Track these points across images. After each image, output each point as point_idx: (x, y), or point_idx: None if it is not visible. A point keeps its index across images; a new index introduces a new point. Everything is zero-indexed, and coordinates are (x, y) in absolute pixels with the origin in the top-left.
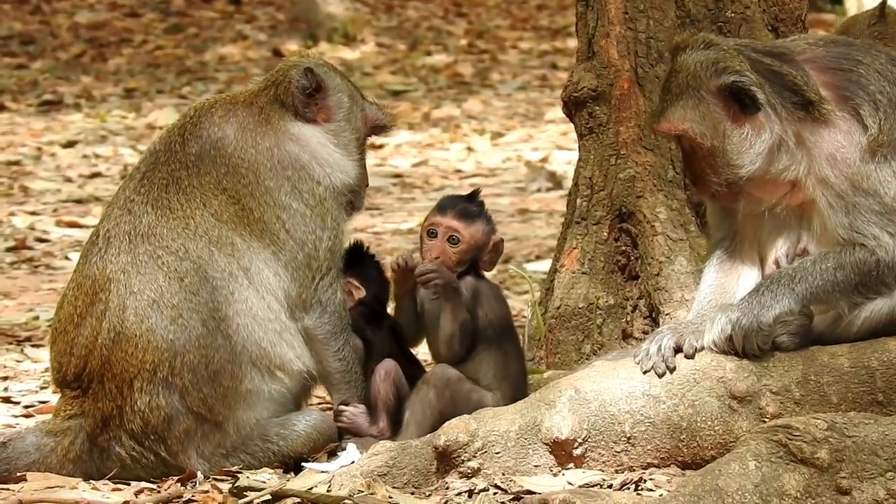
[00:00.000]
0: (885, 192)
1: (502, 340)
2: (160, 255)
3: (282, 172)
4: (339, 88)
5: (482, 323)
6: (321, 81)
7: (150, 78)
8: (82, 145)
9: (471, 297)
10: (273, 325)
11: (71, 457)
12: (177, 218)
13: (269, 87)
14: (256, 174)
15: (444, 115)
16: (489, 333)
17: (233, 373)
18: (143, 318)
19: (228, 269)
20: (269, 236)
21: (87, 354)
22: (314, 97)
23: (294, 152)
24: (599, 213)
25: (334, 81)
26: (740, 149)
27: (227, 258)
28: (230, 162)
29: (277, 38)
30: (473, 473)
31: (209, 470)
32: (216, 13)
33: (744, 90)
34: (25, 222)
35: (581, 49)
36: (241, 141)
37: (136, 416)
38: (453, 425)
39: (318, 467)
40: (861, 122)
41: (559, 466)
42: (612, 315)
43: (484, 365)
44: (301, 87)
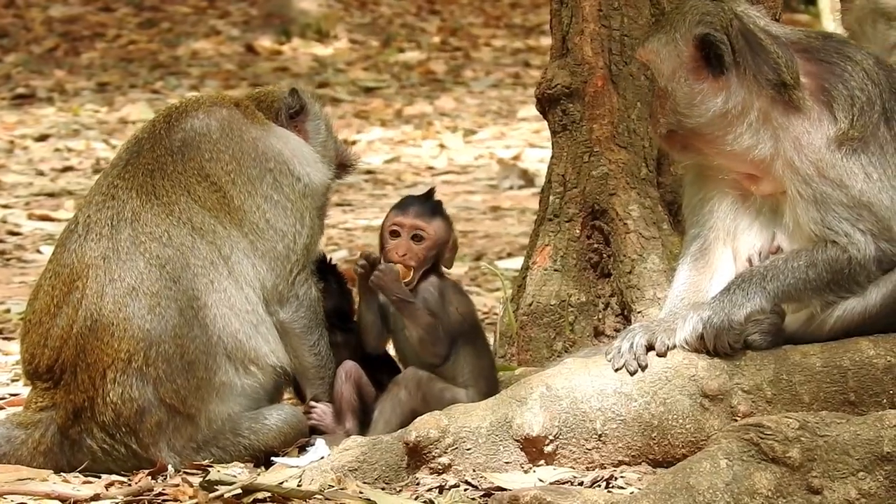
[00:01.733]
0: (852, 185)
1: (473, 337)
2: (143, 241)
3: (264, 164)
4: (318, 116)
5: (453, 322)
6: (304, 104)
7: (123, 72)
8: (55, 139)
9: (438, 297)
10: (250, 317)
11: (42, 449)
12: (161, 204)
13: (254, 97)
14: (239, 162)
15: (417, 112)
16: (460, 331)
17: (207, 364)
18: (121, 305)
19: (210, 258)
20: (249, 225)
21: (61, 345)
22: (295, 119)
23: (277, 147)
24: (572, 211)
25: (315, 108)
26: (689, 100)
27: (209, 246)
28: (215, 148)
29: (251, 33)
30: (444, 469)
31: (180, 463)
32: (189, 8)
33: (713, 46)
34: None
35: (555, 46)
36: (226, 130)
37: (108, 408)
38: (424, 421)
39: (289, 462)
40: (833, 115)
41: (530, 463)
42: (583, 312)
43: (460, 362)
44: (286, 103)
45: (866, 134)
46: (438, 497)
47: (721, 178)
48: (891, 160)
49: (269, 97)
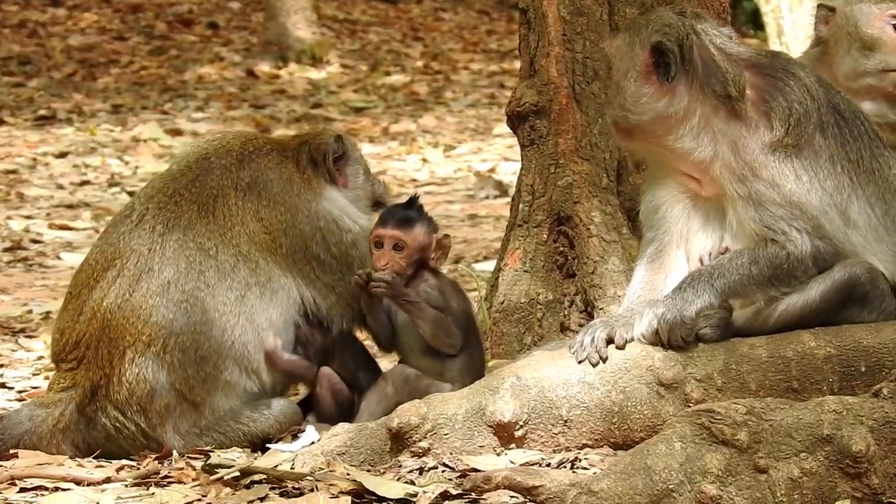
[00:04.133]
0: (783, 184)
1: (467, 334)
2: (190, 247)
3: (315, 222)
4: (358, 161)
5: (457, 314)
6: (346, 150)
7: (136, 95)
8: (73, 156)
9: (438, 294)
10: (265, 334)
11: (60, 427)
12: (216, 224)
13: (303, 145)
14: (293, 216)
15: (402, 130)
16: (460, 324)
17: (216, 363)
18: (152, 293)
19: (247, 280)
20: (297, 272)
21: (90, 318)
22: (338, 162)
23: (327, 208)
24: (540, 217)
25: (355, 154)
26: (635, 99)
27: (249, 271)
28: (274, 199)
29: (251, 59)
30: (424, 453)
31: (183, 446)
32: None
33: (663, 55)
34: (21, 225)
35: (523, 68)
36: (286, 186)
37: (123, 387)
38: (406, 409)
39: (283, 447)
40: (770, 123)
41: (502, 447)
42: (550, 310)
43: (451, 358)
44: (332, 149)
45: (801, 142)
46: (419, 478)
47: (671, 184)
48: (823, 166)
49: (318, 141)
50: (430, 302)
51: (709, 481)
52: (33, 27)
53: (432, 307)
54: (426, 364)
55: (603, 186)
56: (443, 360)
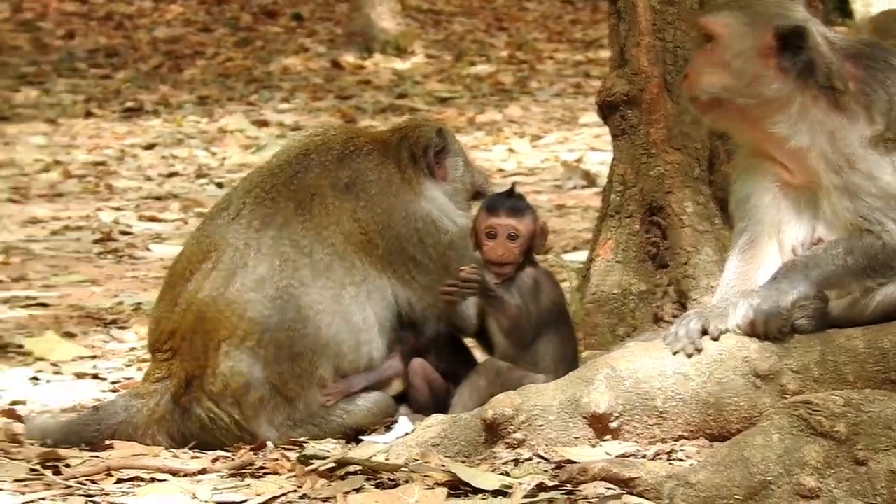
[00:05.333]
0: (881, 177)
1: (559, 324)
2: (285, 244)
3: (412, 223)
4: (457, 153)
5: (543, 308)
6: (446, 143)
7: (221, 87)
8: (161, 147)
9: (532, 285)
10: (360, 335)
11: (156, 417)
12: (312, 222)
13: (404, 140)
14: (391, 217)
15: (488, 120)
16: (549, 318)
17: (311, 360)
18: (247, 289)
19: (341, 280)
20: (392, 274)
21: (186, 308)
22: (438, 156)
23: (427, 209)
24: (632, 208)
25: (455, 146)
26: (746, 80)
27: (345, 270)
28: (372, 200)
29: (336, 50)
30: (518, 444)
31: (277, 438)
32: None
33: (793, 40)
34: (110, 217)
35: (614, 57)
36: (385, 188)
37: (218, 379)
38: (500, 400)
39: (377, 439)
40: (870, 116)
41: (597, 438)
42: (644, 300)
43: (542, 348)
44: (434, 143)
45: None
46: (514, 469)
47: (761, 172)
48: None
49: (417, 135)
50: (522, 291)
51: (807, 473)
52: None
53: (525, 296)
54: (518, 356)
55: (695, 176)
56: (535, 351)
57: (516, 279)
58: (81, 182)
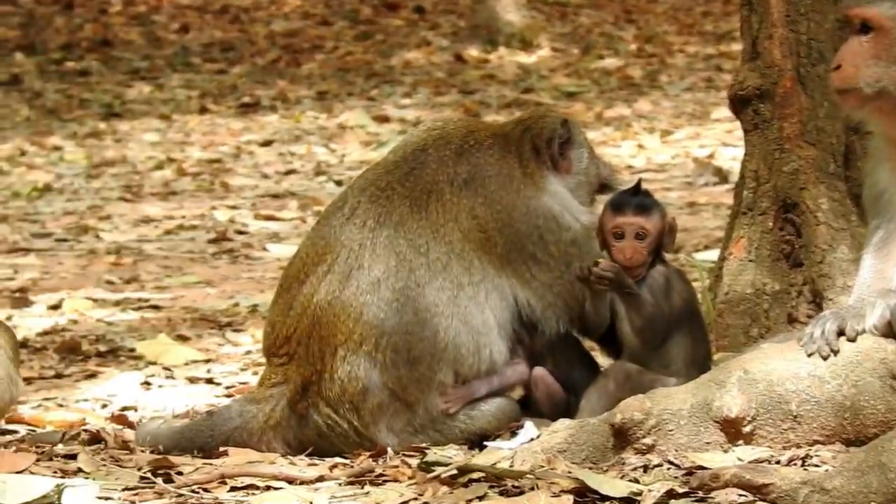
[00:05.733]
0: None
1: (691, 324)
2: (401, 244)
3: (534, 220)
4: (582, 144)
5: (675, 308)
6: (571, 134)
7: (341, 81)
8: (278, 144)
9: (664, 284)
10: (480, 338)
11: (271, 423)
12: (429, 222)
13: (526, 132)
14: (510, 215)
15: (616, 115)
16: (680, 318)
17: (430, 364)
18: (363, 291)
19: (459, 280)
20: (511, 272)
21: (301, 313)
22: (562, 147)
23: (549, 205)
24: (765, 204)
25: (580, 137)
26: None
27: (462, 270)
28: (491, 197)
29: (459, 44)
30: (648, 450)
31: (397, 445)
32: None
33: None
34: (226, 216)
35: (745, 50)
36: (506, 183)
37: (335, 384)
38: (629, 404)
39: (501, 445)
40: None
41: (729, 443)
42: (777, 300)
43: (673, 350)
44: (559, 134)
45: None
46: (643, 476)
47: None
48: None
49: (541, 126)
50: (652, 292)
51: None
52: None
53: (656, 295)
54: (648, 358)
55: (830, 172)
56: (666, 353)
57: (647, 278)
58: (196, 180)
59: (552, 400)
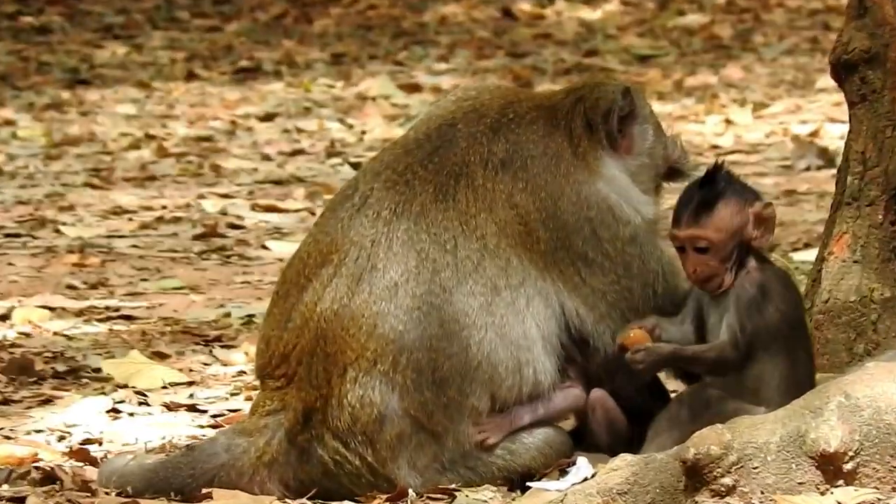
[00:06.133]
0: None
1: (792, 342)
2: (422, 240)
3: (584, 211)
4: (647, 119)
5: (769, 324)
6: (634, 107)
7: (361, 41)
8: (283, 118)
9: (755, 296)
10: (520, 353)
11: (265, 460)
12: (457, 211)
13: (578, 104)
14: (556, 204)
15: (699, 83)
16: (776, 335)
17: (461, 386)
18: (377, 298)
19: (494, 282)
20: (557, 274)
21: (301, 326)
22: (622, 123)
23: (604, 192)
24: (873, 193)
25: (645, 110)
26: None
27: (498, 270)
28: (534, 181)
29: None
30: (728, 491)
31: (421, 485)
32: None
33: None
34: (216, 206)
35: (851, 6)
36: (551, 166)
37: (344, 412)
38: (705, 436)
39: (548, 486)
40: None
41: (827, 484)
42: (889, 310)
43: (767, 373)
44: (619, 106)
45: None
46: None
47: None
48: None
49: (596, 96)
50: (740, 304)
51: None
52: None
53: (741, 312)
54: (736, 380)
55: None
56: (757, 377)
57: (733, 288)
58: (180, 162)
59: (612, 430)
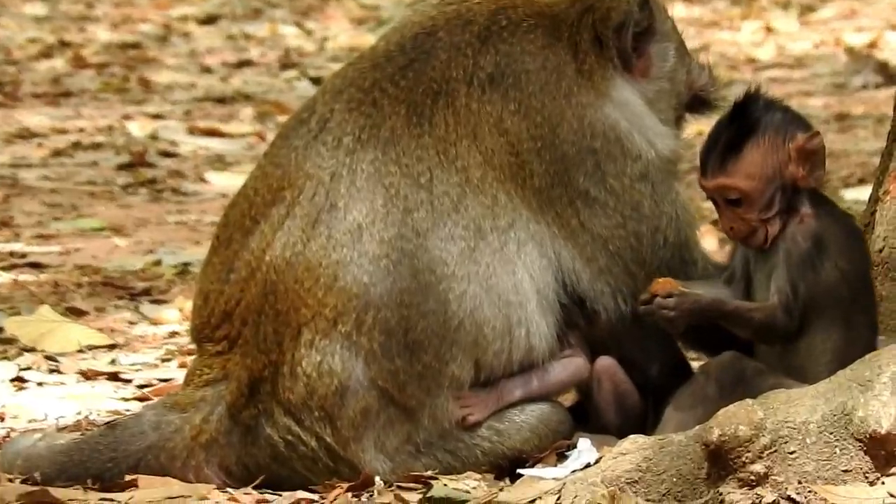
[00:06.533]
0: None
1: (852, 309)
2: (392, 172)
3: (588, 141)
4: (668, 36)
5: (827, 284)
6: (652, 21)
7: None
8: (226, 21)
9: (809, 250)
10: (510, 310)
11: (202, 440)
12: (434, 137)
13: (586, 13)
14: (554, 131)
15: None
16: (835, 297)
17: (438, 351)
18: (336, 244)
19: (479, 223)
20: (553, 216)
21: (247, 278)
22: (638, 40)
23: (613, 118)
24: None
25: (665, 25)
26: None
27: (483, 210)
28: (528, 102)
29: None
30: (759, 480)
31: (390, 471)
32: None
33: None
34: (145, 129)
35: None
36: (550, 84)
37: (298, 382)
38: (731, 414)
39: (543, 473)
40: None
41: (877, 472)
42: None
43: (818, 347)
44: (635, 20)
45: None
46: None
47: None
48: None
49: (608, 6)
50: (791, 262)
51: None
52: None
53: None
54: (778, 353)
55: None
56: (806, 347)
57: (783, 241)
58: (101, 75)
59: (621, 407)
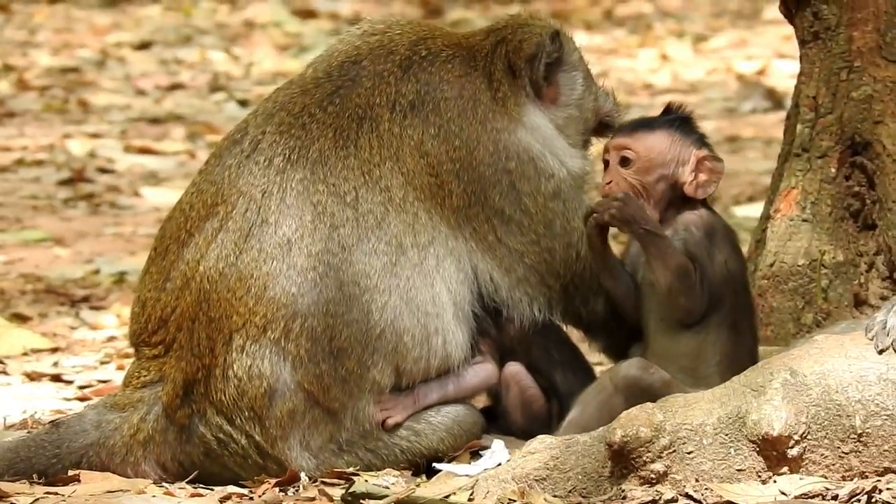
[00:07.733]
0: None
1: (738, 310)
2: (319, 191)
3: (504, 163)
4: (576, 66)
5: (718, 273)
6: (562, 52)
7: None
8: (160, 47)
9: (703, 237)
10: (428, 320)
11: (140, 438)
12: (359, 159)
13: (499, 45)
14: (472, 154)
15: (632, 12)
16: (727, 290)
17: (361, 357)
18: (267, 256)
19: (400, 239)
20: (470, 232)
21: (182, 286)
22: (549, 69)
23: (526, 141)
24: (826, 144)
25: (574, 56)
26: None
27: (404, 227)
28: (447, 127)
29: None
30: (658, 479)
31: (315, 468)
32: None
33: None
34: (84, 147)
35: None
36: (467, 111)
37: (230, 384)
38: (633, 416)
39: (458, 470)
40: None
41: (769, 471)
42: (840, 275)
43: (709, 342)
44: (545, 52)
45: None
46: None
47: None
48: None
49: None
50: (686, 244)
51: None
52: None
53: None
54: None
55: None
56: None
57: (677, 223)
58: (43, 96)
59: (528, 410)
